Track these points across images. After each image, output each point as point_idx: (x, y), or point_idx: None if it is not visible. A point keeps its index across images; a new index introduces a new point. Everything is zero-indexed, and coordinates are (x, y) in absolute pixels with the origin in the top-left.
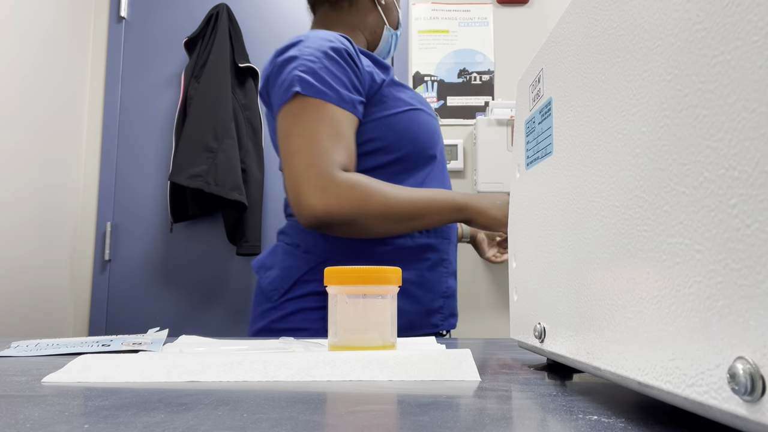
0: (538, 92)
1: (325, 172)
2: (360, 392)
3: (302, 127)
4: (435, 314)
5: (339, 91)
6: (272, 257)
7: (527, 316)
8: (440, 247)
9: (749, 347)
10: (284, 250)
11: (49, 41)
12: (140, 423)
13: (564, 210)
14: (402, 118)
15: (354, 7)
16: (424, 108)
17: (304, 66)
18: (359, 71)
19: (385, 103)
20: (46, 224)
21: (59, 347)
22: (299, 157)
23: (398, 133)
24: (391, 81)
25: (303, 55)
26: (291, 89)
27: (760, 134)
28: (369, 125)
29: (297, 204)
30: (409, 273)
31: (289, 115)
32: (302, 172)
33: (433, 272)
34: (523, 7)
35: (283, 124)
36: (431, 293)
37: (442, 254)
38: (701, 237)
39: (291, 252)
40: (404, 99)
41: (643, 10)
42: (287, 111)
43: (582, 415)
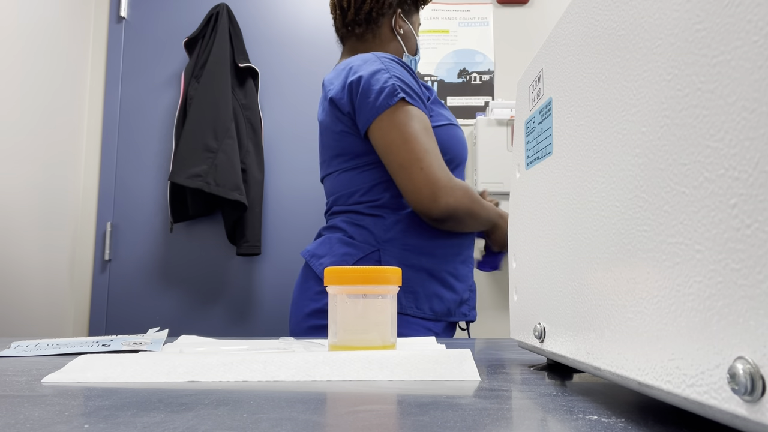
0: (538, 92)
1: (447, 176)
2: (360, 392)
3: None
4: (465, 305)
5: (423, 102)
6: (324, 247)
7: (527, 316)
8: (469, 245)
9: (749, 347)
10: (338, 240)
11: (49, 41)
12: (140, 423)
13: (564, 210)
14: (442, 131)
15: (378, 38)
16: (457, 124)
17: (398, 76)
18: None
19: (431, 117)
20: (46, 224)
21: (59, 347)
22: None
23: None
24: (435, 99)
25: (391, 69)
26: (395, 96)
27: (760, 134)
28: None
29: (432, 200)
30: (448, 264)
31: (397, 121)
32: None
33: (464, 266)
34: (523, 7)
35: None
36: (463, 284)
37: (470, 251)
38: (701, 237)
39: (346, 241)
40: (444, 115)
41: (643, 10)
42: (391, 117)
43: (582, 415)
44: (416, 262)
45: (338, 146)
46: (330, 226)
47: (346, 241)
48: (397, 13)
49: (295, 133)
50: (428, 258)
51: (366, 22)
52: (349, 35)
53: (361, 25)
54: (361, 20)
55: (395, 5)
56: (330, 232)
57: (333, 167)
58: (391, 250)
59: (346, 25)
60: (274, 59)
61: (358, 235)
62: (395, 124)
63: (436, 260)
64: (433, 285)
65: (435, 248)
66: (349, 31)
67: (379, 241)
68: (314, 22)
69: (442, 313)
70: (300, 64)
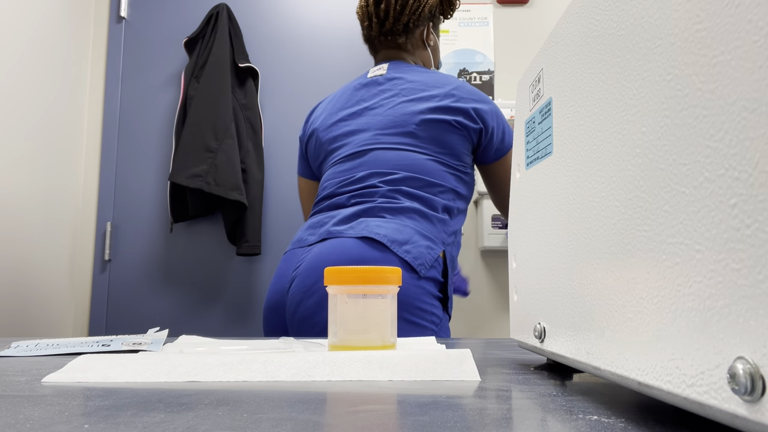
0: (538, 92)
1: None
2: (360, 392)
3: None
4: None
5: None
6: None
7: (527, 316)
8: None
9: (749, 347)
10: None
11: (49, 41)
12: (140, 423)
13: (564, 210)
14: None
15: (413, 47)
16: None
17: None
18: None
19: None
20: (46, 224)
21: (59, 347)
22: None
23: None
24: None
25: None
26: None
27: (760, 134)
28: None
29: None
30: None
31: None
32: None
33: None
34: (523, 7)
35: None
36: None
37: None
38: (701, 237)
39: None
40: None
41: (643, 10)
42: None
43: (582, 415)
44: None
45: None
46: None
47: (424, 235)
48: (428, 26)
49: (295, 133)
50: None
51: (404, 32)
52: (386, 43)
53: (400, 35)
54: (399, 30)
55: (429, 18)
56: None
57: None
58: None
59: (384, 34)
60: (274, 59)
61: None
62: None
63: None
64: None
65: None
66: (386, 39)
67: (445, 243)
68: (314, 22)
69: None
70: (300, 64)
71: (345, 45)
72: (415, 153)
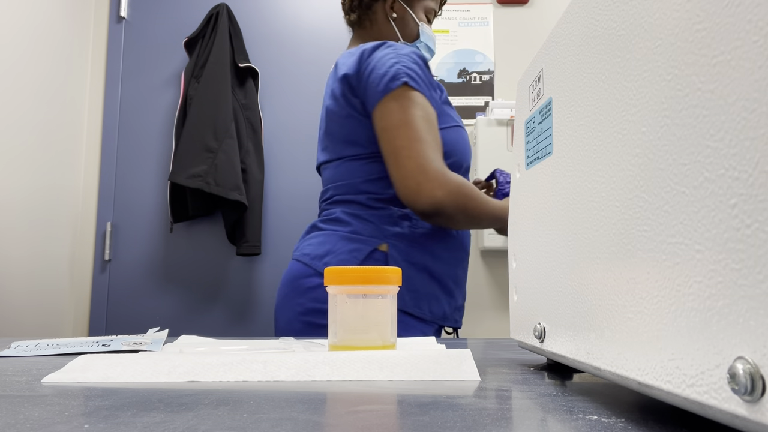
0: (538, 92)
1: (439, 168)
2: (360, 392)
3: (410, 118)
4: (458, 311)
5: (430, 92)
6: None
7: (527, 316)
8: (468, 252)
9: (749, 347)
10: (342, 237)
11: (49, 41)
12: (140, 423)
13: (564, 210)
14: (450, 133)
15: (375, 24)
16: (464, 127)
17: (406, 63)
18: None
19: (440, 117)
20: (46, 224)
21: (59, 347)
22: (414, 148)
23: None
24: (446, 99)
25: (400, 54)
26: (398, 80)
27: (760, 134)
28: None
29: (415, 191)
30: (450, 269)
31: (396, 105)
32: (421, 163)
33: (464, 273)
34: (523, 7)
35: (388, 112)
36: (460, 291)
37: (467, 259)
38: (701, 237)
39: (351, 238)
40: (452, 116)
41: (643, 10)
42: (392, 100)
43: (582, 415)
44: (420, 260)
45: (346, 132)
46: (329, 218)
47: (351, 238)
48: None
49: (295, 133)
50: (433, 259)
51: (359, 8)
52: (352, 23)
53: (355, 11)
54: (355, 6)
55: None
56: (330, 227)
57: (337, 154)
58: (398, 245)
59: (347, 13)
60: (274, 59)
61: (364, 229)
62: (394, 109)
63: (440, 263)
64: (433, 287)
65: (442, 250)
66: (349, 18)
67: (386, 235)
68: (314, 22)
69: (439, 316)
70: (300, 64)
71: (345, 45)
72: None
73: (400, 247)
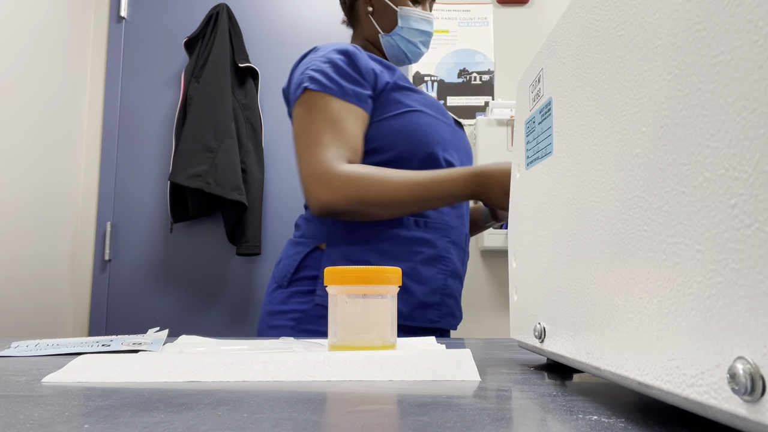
0: (538, 92)
1: (326, 167)
2: (360, 392)
3: (309, 123)
4: (430, 309)
5: (342, 85)
6: (284, 250)
7: (527, 316)
8: (437, 243)
9: (749, 347)
10: (292, 242)
11: (49, 41)
12: (140, 423)
13: (564, 210)
14: (397, 120)
15: (359, 23)
16: (428, 110)
17: (314, 66)
18: (364, 69)
19: (385, 107)
20: (46, 224)
21: (59, 347)
22: (307, 153)
23: (391, 134)
24: (395, 85)
25: (314, 59)
26: (301, 86)
27: (760, 134)
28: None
29: (306, 197)
30: (401, 264)
31: (299, 112)
32: (308, 167)
33: (428, 267)
34: (523, 7)
35: (294, 121)
36: (425, 287)
37: (439, 251)
38: (701, 237)
39: (296, 241)
40: (405, 102)
41: (643, 10)
42: (297, 108)
43: (582, 415)
44: (363, 258)
45: None
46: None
47: (296, 241)
48: None
49: None
50: (379, 255)
51: (345, 10)
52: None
53: (345, 13)
54: (344, 9)
55: None
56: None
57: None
58: (337, 244)
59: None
60: (274, 59)
61: (308, 231)
62: (297, 117)
63: (387, 258)
64: None
65: (388, 244)
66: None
67: (326, 234)
68: (314, 22)
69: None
70: None
71: None
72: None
73: (340, 245)
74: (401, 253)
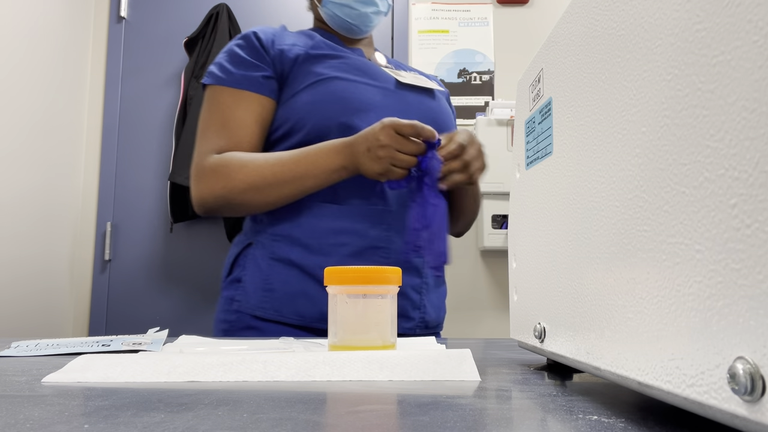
0: (538, 92)
1: (197, 162)
2: (360, 392)
3: (201, 119)
4: None
5: (233, 73)
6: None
7: (527, 316)
8: (368, 233)
9: (749, 347)
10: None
11: (49, 41)
12: (140, 423)
13: (564, 210)
14: (305, 94)
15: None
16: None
17: (215, 61)
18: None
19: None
20: (46, 224)
21: (59, 347)
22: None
23: (300, 110)
24: (308, 56)
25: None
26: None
27: (760, 134)
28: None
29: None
30: (326, 259)
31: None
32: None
33: (360, 261)
34: (523, 7)
35: None
36: None
37: (372, 241)
38: (701, 237)
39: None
40: (317, 71)
41: (643, 10)
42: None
43: (582, 415)
44: (286, 255)
45: None
46: None
47: (235, 241)
48: None
49: None
50: (301, 251)
51: None
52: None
53: None
54: None
55: None
56: None
57: None
58: (261, 242)
59: None
60: None
61: (246, 228)
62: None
63: (310, 254)
64: (305, 283)
65: (309, 238)
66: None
67: (253, 233)
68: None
69: (314, 317)
70: None
71: None
72: None
73: (264, 243)
74: (323, 246)
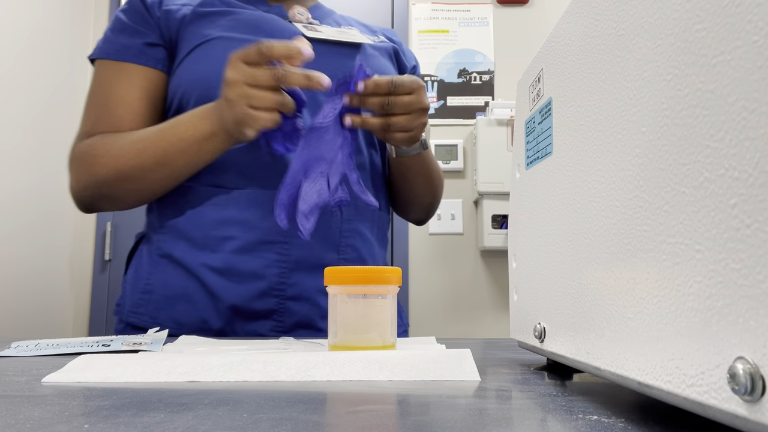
0: (538, 92)
1: (70, 150)
2: (360, 392)
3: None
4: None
5: (114, 42)
6: None
7: (527, 316)
8: (261, 224)
9: (749, 347)
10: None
11: (49, 41)
12: (140, 423)
13: (564, 210)
14: (187, 61)
15: None
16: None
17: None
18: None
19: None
20: (46, 224)
21: (59, 347)
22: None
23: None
24: (195, 14)
25: None
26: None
27: (760, 134)
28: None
29: None
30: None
31: None
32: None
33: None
34: (523, 7)
35: None
36: (246, 286)
37: (264, 234)
38: (701, 237)
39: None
40: (203, 32)
41: (643, 10)
42: None
43: (582, 415)
44: (169, 251)
45: None
46: None
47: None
48: None
49: None
50: (184, 246)
51: None
52: None
53: None
54: None
55: None
56: None
57: None
58: (149, 237)
59: None
60: None
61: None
62: None
63: (193, 249)
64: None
65: (190, 231)
66: None
67: (144, 226)
68: None
69: (192, 325)
70: None
71: None
72: None
73: (151, 237)
74: (207, 240)
